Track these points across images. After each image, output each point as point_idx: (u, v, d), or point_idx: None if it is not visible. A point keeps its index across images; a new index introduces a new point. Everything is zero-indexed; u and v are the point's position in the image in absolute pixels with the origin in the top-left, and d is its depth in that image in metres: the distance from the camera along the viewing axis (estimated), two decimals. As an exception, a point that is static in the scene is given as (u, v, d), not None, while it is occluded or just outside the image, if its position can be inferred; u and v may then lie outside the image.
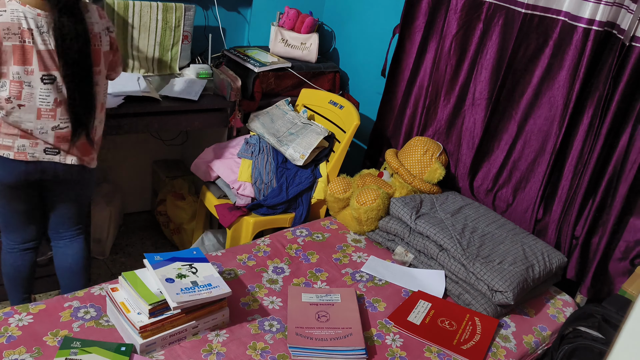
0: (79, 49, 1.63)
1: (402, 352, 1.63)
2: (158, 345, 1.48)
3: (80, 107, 1.70)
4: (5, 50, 1.57)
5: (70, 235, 2.03)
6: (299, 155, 2.41)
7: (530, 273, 1.89)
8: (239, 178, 2.40)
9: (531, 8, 2.07)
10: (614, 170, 1.96)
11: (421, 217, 2.09)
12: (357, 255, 2.09)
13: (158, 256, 1.61)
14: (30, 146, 1.72)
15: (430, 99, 2.47)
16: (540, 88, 2.13)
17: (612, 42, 1.92)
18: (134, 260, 2.76)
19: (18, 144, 1.71)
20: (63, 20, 1.58)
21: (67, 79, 1.65)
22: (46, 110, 1.68)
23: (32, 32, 1.58)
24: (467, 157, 2.38)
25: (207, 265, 1.63)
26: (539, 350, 1.82)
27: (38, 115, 1.68)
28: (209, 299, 1.53)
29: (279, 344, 1.58)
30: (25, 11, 1.57)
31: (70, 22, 1.59)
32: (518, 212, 2.27)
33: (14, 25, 1.56)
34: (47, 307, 1.59)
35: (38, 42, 1.60)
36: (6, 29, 1.55)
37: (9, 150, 1.71)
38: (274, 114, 2.62)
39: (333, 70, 2.88)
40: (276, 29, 2.84)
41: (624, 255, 1.98)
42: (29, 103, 1.65)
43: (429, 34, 2.45)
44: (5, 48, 1.57)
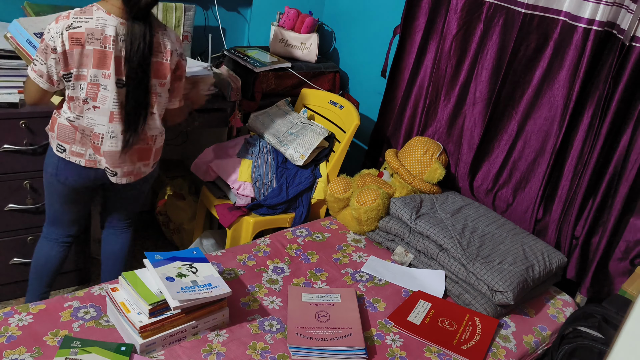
0: (142, 56, 1.71)
1: (402, 352, 1.63)
2: (158, 345, 1.48)
3: (134, 110, 1.78)
4: (87, 54, 1.68)
5: (122, 226, 2.16)
6: (299, 156, 2.41)
7: (530, 273, 1.89)
8: (239, 178, 2.40)
9: (531, 8, 2.07)
10: (615, 170, 1.96)
11: (421, 217, 2.09)
12: (357, 255, 2.09)
13: (158, 255, 1.61)
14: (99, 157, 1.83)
15: (430, 99, 2.47)
16: (541, 88, 2.13)
17: (612, 42, 1.92)
18: (134, 260, 2.76)
19: (90, 152, 1.82)
20: (135, 26, 1.69)
21: (127, 81, 1.74)
22: (117, 113, 1.77)
23: (113, 38, 1.69)
24: (467, 157, 2.38)
25: (207, 265, 1.63)
26: (539, 350, 1.82)
27: (110, 119, 1.77)
28: (209, 299, 1.53)
29: (279, 344, 1.58)
30: (109, 19, 1.68)
31: (139, 29, 1.69)
32: (518, 212, 2.27)
33: (97, 31, 1.67)
34: (47, 307, 1.59)
35: (117, 49, 1.70)
36: (90, 34, 1.67)
37: (81, 157, 1.82)
38: (274, 114, 2.62)
39: (333, 70, 2.88)
40: (276, 29, 2.84)
41: (624, 255, 1.98)
42: (103, 106, 1.75)
43: (429, 34, 2.45)
44: (86, 52, 1.68)
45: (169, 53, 1.80)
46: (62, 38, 1.64)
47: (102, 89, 1.73)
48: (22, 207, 2.15)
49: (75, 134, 1.79)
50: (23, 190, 2.13)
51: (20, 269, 2.27)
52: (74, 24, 1.65)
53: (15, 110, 2.01)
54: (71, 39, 1.65)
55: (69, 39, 1.65)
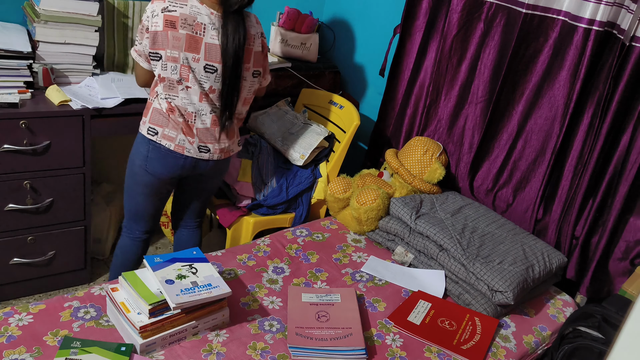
0: (237, 46, 1.83)
1: (402, 352, 1.63)
2: (158, 345, 1.48)
3: (229, 94, 1.90)
4: (179, 37, 1.78)
5: (194, 225, 2.24)
6: (299, 156, 2.41)
7: (530, 273, 1.89)
8: (239, 178, 2.40)
9: (532, 8, 2.07)
10: (615, 170, 1.96)
11: (421, 217, 2.09)
12: (357, 255, 2.09)
13: (158, 258, 1.61)
14: (188, 143, 1.92)
15: (430, 98, 2.47)
16: (541, 88, 2.13)
17: (612, 42, 1.92)
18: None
19: (180, 137, 1.90)
20: (229, 21, 1.80)
21: (225, 71, 1.85)
22: (204, 94, 1.88)
23: (204, 26, 1.80)
24: (467, 157, 2.38)
25: (207, 265, 1.63)
26: (539, 350, 1.82)
27: (200, 98, 1.87)
28: (209, 299, 1.53)
29: (279, 344, 1.58)
30: (201, 8, 1.80)
31: (234, 24, 1.81)
32: (518, 212, 2.27)
33: (191, 17, 1.78)
34: (47, 307, 1.59)
35: (208, 36, 1.81)
36: (184, 19, 1.78)
37: (171, 141, 1.90)
38: (274, 114, 2.62)
39: (333, 70, 2.88)
40: (276, 29, 2.84)
41: (624, 255, 1.98)
42: (193, 86, 1.86)
43: (430, 33, 2.45)
44: (179, 35, 1.78)
45: (253, 38, 1.91)
46: (157, 18, 1.77)
47: (192, 71, 1.83)
48: (22, 207, 2.15)
49: (169, 119, 1.88)
50: (23, 190, 2.13)
51: (20, 269, 2.27)
52: (169, 7, 1.77)
53: (15, 110, 2.01)
54: (166, 20, 1.77)
55: (163, 20, 1.76)
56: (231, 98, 1.91)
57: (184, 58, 1.81)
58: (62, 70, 2.24)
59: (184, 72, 1.83)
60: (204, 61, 1.83)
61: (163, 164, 1.93)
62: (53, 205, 2.22)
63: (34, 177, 2.13)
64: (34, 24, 2.14)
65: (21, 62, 2.11)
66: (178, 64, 1.81)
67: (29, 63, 2.14)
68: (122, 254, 2.16)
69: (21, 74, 2.12)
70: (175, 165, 1.94)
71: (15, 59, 2.09)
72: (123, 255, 2.16)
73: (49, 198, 2.19)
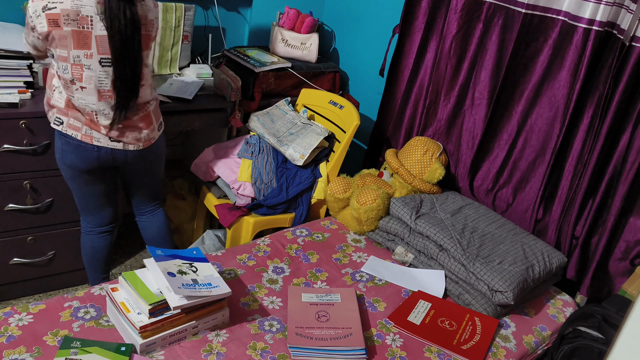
0: (128, 33, 1.71)
1: (402, 352, 1.63)
2: (158, 345, 1.48)
3: (123, 88, 1.78)
4: (65, 35, 1.67)
5: (151, 210, 2.21)
6: (299, 156, 2.41)
7: (530, 273, 1.89)
8: (239, 178, 2.40)
9: (531, 8, 2.07)
10: (614, 170, 1.96)
11: (421, 217, 2.09)
12: (357, 255, 2.09)
13: (159, 251, 1.61)
14: (96, 132, 1.83)
15: (430, 98, 2.47)
16: (541, 88, 2.13)
17: (612, 42, 1.92)
18: (134, 260, 2.76)
19: (86, 128, 1.83)
20: (112, 5, 1.67)
21: (115, 62, 1.73)
22: (105, 91, 1.77)
23: (91, 18, 1.68)
24: (467, 157, 2.38)
25: (207, 265, 1.63)
26: (539, 350, 1.82)
27: (99, 97, 1.78)
28: (210, 299, 1.53)
29: (279, 344, 1.58)
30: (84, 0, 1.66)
31: (117, 8, 1.67)
32: (518, 212, 2.27)
33: (73, 12, 1.66)
34: (47, 307, 1.59)
35: (97, 28, 1.69)
36: (66, 15, 1.65)
37: (77, 131, 1.82)
38: (274, 114, 2.62)
39: (333, 70, 2.88)
40: (276, 29, 2.84)
41: (624, 255, 1.98)
42: (89, 85, 1.75)
43: (429, 33, 2.45)
44: (64, 33, 1.67)
45: (151, 23, 1.81)
46: (41, 18, 1.65)
47: (86, 69, 1.72)
48: (22, 207, 2.15)
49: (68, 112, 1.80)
50: (23, 190, 2.13)
51: (20, 269, 2.27)
52: (49, 5, 1.64)
53: (15, 110, 2.01)
54: (49, 20, 1.65)
55: (46, 20, 1.65)
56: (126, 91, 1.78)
57: (75, 56, 1.70)
58: (62, 70, 2.24)
59: (76, 71, 1.72)
60: (98, 55, 1.71)
61: (77, 156, 1.85)
62: (53, 205, 2.22)
63: (34, 177, 2.13)
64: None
65: (21, 62, 2.11)
66: (68, 64, 1.71)
67: (29, 63, 2.14)
68: (84, 252, 2.15)
69: (21, 74, 2.12)
70: (90, 157, 1.85)
71: (15, 59, 2.10)
72: (85, 252, 2.15)
73: (49, 198, 2.19)
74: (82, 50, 1.70)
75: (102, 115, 1.80)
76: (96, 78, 1.74)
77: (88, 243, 2.13)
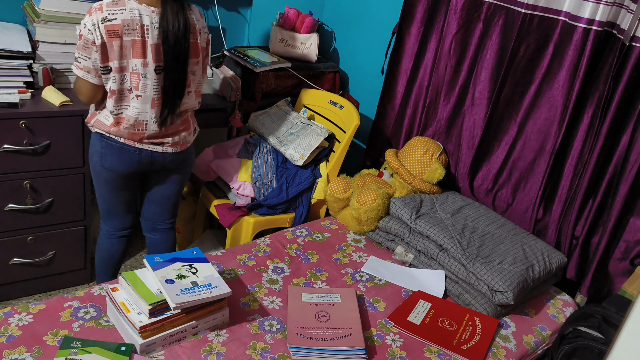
0: (177, 40, 1.76)
1: (402, 352, 1.63)
2: (158, 345, 1.48)
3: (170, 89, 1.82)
4: (126, 45, 1.71)
5: (167, 228, 2.19)
6: (299, 156, 2.41)
7: (530, 273, 1.89)
8: (239, 178, 2.40)
9: (531, 8, 2.07)
10: (615, 170, 1.96)
11: (421, 217, 2.09)
12: (357, 255, 2.09)
13: (158, 257, 1.61)
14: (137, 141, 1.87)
15: (430, 99, 2.47)
16: (540, 88, 2.13)
17: (612, 42, 1.92)
18: (134, 260, 2.76)
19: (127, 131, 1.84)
20: (167, 14, 1.73)
21: (165, 62, 1.78)
22: (156, 99, 1.82)
23: (147, 27, 1.73)
24: (467, 157, 2.38)
25: (207, 265, 1.63)
26: (539, 350, 1.82)
27: (152, 105, 1.82)
28: (209, 299, 1.53)
29: (279, 344, 1.58)
30: (141, 9, 1.72)
31: (172, 10, 1.73)
32: (518, 212, 2.27)
33: (133, 22, 1.71)
34: (47, 307, 1.59)
35: (152, 37, 1.74)
36: (126, 25, 1.70)
37: (121, 137, 1.85)
38: (274, 114, 2.62)
39: (333, 70, 2.88)
40: (276, 29, 2.84)
41: (624, 255, 1.98)
42: (144, 94, 1.79)
43: (429, 33, 2.45)
44: (125, 43, 1.71)
45: (198, 32, 1.85)
46: (99, 31, 1.67)
47: (142, 78, 1.77)
48: (22, 207, 2.15)
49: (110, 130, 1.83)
50: (23, 190, 2.13)
51: (20, 269, 2.27)
52: (108, 17, 1.68)
53: (15, 110, 2.01)
54: (108, 31, 1.68)
55: (105, 31, 1.68)
56: (174, 94, 1.83)
57: (134, 65, 1.74)
58: (62, 71, 2.24)
59: (134, 80, 1.76)
60: (154, 64, 1.76)
61: (118, 158, 1.88)
62: (53, 205, 2.22)
63: (34, 177, 2.13)
64: (34, 24, 2.15)
65: (21, 62, 2.11)
66: (127, 73, 1.75)
67: (29, 63, 2.14)
68: (100, 254, 2.15)
69: (21, 74, 2.12)
70: (131, 160, 1.89)
71: (15, 59, 2.09)
72: (100, 254, 2.15)
73: (49, 198, 2.19)
74: (139, 59, 1.74)
75: (152, 124, 1.84)
76: (151, 86, 1.79)
77: (107, 246, 2.13)
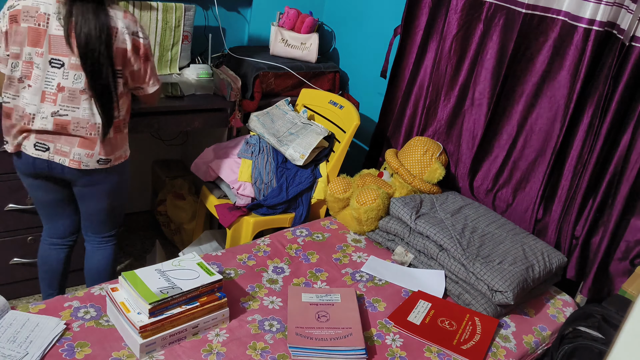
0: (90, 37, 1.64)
1: (402, 352, 1.63)
2: (158, 345, 1.48)
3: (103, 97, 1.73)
4: (21, 32, 1.67)
5: (98, 241, 2.06)
6: (299, 155, 2.41)
7: (530, 273, 1.89)
8: (239, 178, 2.40)
9: (531, 8, 2.07)
10: (615, 170, 1.96)
11: (421, 217, 2.09)
12: (357, 255, 2.09)
13: None
14: (23, 139, 1.78)
15: (430, 99, 2.47)
16: (541, 88, 2.13)
17: (612, 42, 1.92)
18: (134, 260, 2.77)
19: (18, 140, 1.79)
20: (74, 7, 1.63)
21: (85, 67, 1.68)
22: (49, 94, 1.72)
23: (48, 16, 1.67)
24: (467, 157, 2.38)
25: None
26: (539, 350, 1.82)
27: (42, 98, 1.73)
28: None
29: (279, 344, 1.58)
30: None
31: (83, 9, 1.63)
32: (518, 212, 2.27)
33: (32, 9, 1.66)
34: (47, 307, 1.59)
35: (52, 27, 1.67)
36: (26, 12, 1.66)
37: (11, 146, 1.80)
38: (274, 114, 2.62)
39: (333, 70, 2.88)
40: (276, 29, 2.84)
41: (624, 255, 1.98)
42: (35, 84, 1.71)
43: (430, 34, 2.45)
44: (21, 29, 1.66)
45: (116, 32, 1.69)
46: (5, 19, 1.68)
47: (35, 68, 1.70)
48: (22, 207, 2.15)
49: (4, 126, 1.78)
50: (23, 190, 2.13)
51: (20, 269, 2.27)
52: (13, 4, 1.67)
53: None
54: (10, 17, 1.67)
55: (8, 18, 1.67)
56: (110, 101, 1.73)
57: (27, 53, 1.68)
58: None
59: (26, 69, 1.69)
60: (49, 55, 1.68)
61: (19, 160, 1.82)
62: (53, 205, 2.21)
63: (34, 177, 2.13)
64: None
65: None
66: (20, 61, 1.69)
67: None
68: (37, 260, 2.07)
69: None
70: (27, 163, 1.80)
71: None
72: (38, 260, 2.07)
73: (49, 198, 2.19)
74: (34, 47, 1.68)
75: (39, 119, 1.73)
76: (43, 78, 1.70)
77: (40, 252, 2.05)
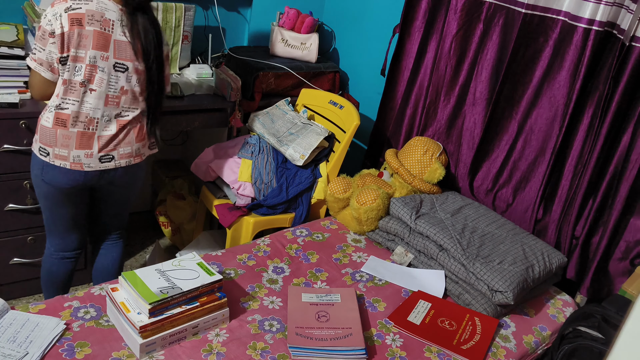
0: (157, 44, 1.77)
1: (402, 352, 1.63)
2: (158, 345, 1.48)
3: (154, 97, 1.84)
4: (87, 35, 1.67)
5: (114, 239, 2.12)
6: (299, 156, 2.41)
7: (530, 273, 1.89)
8: (239, 178, 2.40)
9: (531, 8, 2.07)
10: (615, 170, 1.96)
11: (421, 217, 2.09)
12: (357, 255, 2.09)
13: None
14: (85, 157, 1.77)
15: (430, 99, 2.47)
16: (541, 88, 2.13)
17: (612, 42, 1.92)
18: (134, 260, 2.77)
19: (73, 154, 1.76)
20: (137, 17, 1.72)
21: (148, 72, 1.79)
22: (112, 97, 1.77)
23: (113, 22, 1.71)
24: (467, 157, 2.38)
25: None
26: (539, 350, 1.82)
27: (105, 102, 1.76)
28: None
29: (279, 344, 1.58)
30: (109, 4, 1.71)
31: (144, 20, 1.74)
32: (518, 212, 2.27)
33: (97, 13, 1.68)
34: (47, 307, 1.59)
35: (117, 32, 1.72)
36: (90, 15, 1.67)
37: (64, 160, 1.76)
38: (274, 114, 2.62)
39: (333, 70, 2.88)
40: (276, 29, 2.84)
41: (624, 255, 1.98)
42: (99, 88, 1.74)
43: (429, 33, 2.45)
44: (86, 32, 1.67)
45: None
46: (60, 20, 1.63)
47: (99, 71, 1.72)
48: (22, 207, 2.15)
49: (56, 135, 1.73)
50: (23, 190, 2.13)
51: (20, 269, 2.27)
52: (72, 6, 1.65)
53: (15, 110, 2.02)
54: (71, 19, 1.64)
55: (68, 19, 1.64)
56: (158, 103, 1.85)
57: (92, 57, 1.69)
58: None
59: (89, 72, 1.70)
60: (114, 59, 1.72)
61: (60, 175, 1.78)
62: (53, 205, 2.21)
63: (34, 177, 2.13)
64: (34, 24, 2.15)
65: (21, 62, 2.11)
66: (83, 64, 1.68)
67: (29, 63, 2.14)
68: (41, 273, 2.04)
69: (21, 74, 2.12)
70: (76, 179, 1.79)
71: (15, 59, 2.09)
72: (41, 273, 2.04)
73: (49, 198, 2.19)
74: (100, 51, 1.70)
75: (103, 122, 1.77)
76: (107, 82, 1.73)
77: (47, 266, 2.01)
